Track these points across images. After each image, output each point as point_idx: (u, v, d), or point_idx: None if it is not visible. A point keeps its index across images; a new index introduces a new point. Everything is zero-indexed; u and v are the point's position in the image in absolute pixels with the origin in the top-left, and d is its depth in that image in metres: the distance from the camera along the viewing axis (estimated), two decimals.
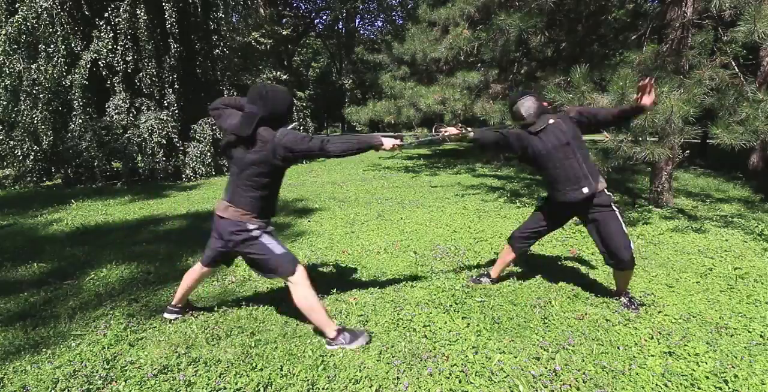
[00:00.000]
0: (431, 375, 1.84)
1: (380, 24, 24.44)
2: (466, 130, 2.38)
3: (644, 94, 2.13)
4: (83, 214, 5.32)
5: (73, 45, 7.61)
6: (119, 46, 7.85)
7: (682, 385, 1.75)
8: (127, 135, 7.90)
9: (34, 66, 7.33)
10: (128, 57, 7.94)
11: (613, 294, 2.57)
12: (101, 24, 7.81)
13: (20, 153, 7.61)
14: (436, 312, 2.41)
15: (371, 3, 21.49)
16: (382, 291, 2.74)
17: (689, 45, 4.49)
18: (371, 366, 1.91)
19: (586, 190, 2.32)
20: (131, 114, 8.18)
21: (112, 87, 8.12)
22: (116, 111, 8.01)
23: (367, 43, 22.20)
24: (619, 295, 2.52)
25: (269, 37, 13.33)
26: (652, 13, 6.31)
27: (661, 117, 3.71)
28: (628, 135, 3.98)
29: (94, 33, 7.86)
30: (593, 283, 2.83)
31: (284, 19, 19.80)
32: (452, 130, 2.39)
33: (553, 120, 2.37)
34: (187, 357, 1.98)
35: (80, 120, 7.58)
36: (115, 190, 7.38)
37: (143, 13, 7.78)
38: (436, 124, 2.18)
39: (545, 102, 2.43)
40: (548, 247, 3.68)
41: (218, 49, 9.35)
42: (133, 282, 2.98)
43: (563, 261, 3.32)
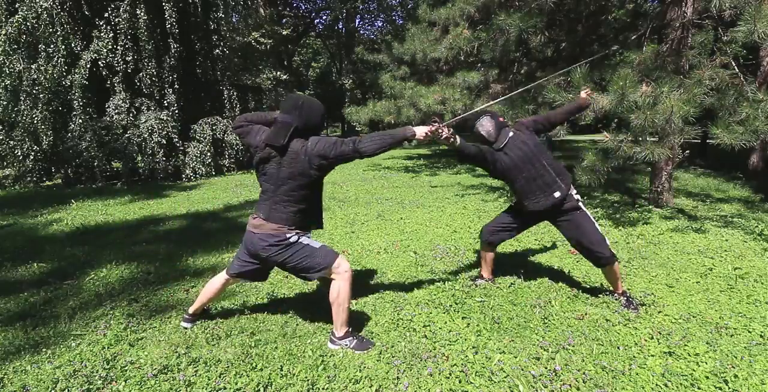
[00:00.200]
0: (431, 375, 1.84)
1: (380, 24, 24.44)
2: (455, 138, 2.37)
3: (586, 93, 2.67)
4: (83, 214, 5.32)
5: (73, 45, 7.61)
6: (119, 46, 7.85)
7: (682, 385, 1.75)
8: (127, 135, 7.90)
9: (34, 66, 7.34)
10: (128, 57, 7.94)
11: (612, 294, 2.57)
12: (101, 24, 7.81)
13: (20, 153, 7.61)
14: (436, 312, 2.41)
15: (371, 3, 21.48)
16: (382, 291, 2.74)
17: (689, 45, 4.48)
18: (371, 366, 1.91)
19: (558, 194, 2.40)
20: (131, 114, 8.19)
21: (112, 87, 8.12)
22: (116, 111, 8.01)
23: (367, 43, 22.19)
24: (616, 293, 2.53)
25: (269, 37, 13.34)
26: (652, 13, 6.31)
27: (661, 117, 3.70)
28: (628, 135, 3.97)
29: (94, 33, 7.87)
30: (593, 283, 2.83)
31: (284, 19, 19.80)
32: (445, 132, 2.34)
33: (512, 133, 2.49)
34: (187, 357, 1.98)
35: (80, 120, 7.58)
36: (115, 190, 7.38)
37: (143, 13, 7.78)
38: (434, 118, 2.14)
39: (501, 117, 2.55)
40: (548, 247, 3.68)
41: (218, 49, 9.35)
42: (133, 282, 2.98)
43: (563, 261, 3.32)
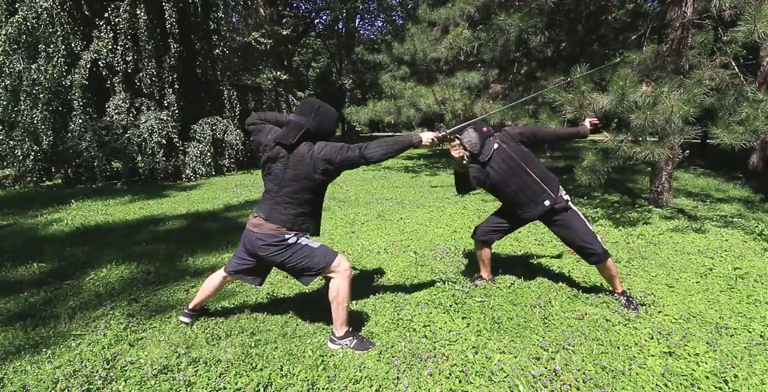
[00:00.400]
0: (431, 375, 1.84)
1: (380, 24, 24.43)
2: (469, 159, 2.31)
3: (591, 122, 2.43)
4: (83, 214, 5.32)
5: (73, 45, 7.61)
6: (119, 46, 7.85)
7: (682, 385, 1.75)
8: (127, 135, 7.90)
9: (34, 66, 7.34)
10: (128, 57, 7.94)
11: (612, 294, 2.57)
12: (101, 24, 7.82)
13: (20, 153, 7.61)
14: (436, 312, 2.41)
15: (371, 3, 21.47)
16: (382, 291, 2.74)
17: (689, 45, 4.48)
18: (371, 366, 1.91)
19: (547, 203, 2.42)
20: (131, 114, 8.19)
21: (112, 87, 8.12)
22: (116, 111, 8.02)
23: (367, 43, 22.18)
24: (616, 293, 2.53)
25: (269, 37, 13.34)
26: (652, 13, 6.31)
27: (661, 117, 3.70)
28: (628, 135, 3.98)
29: (94, 33, 7.87)
30: (593, 283, 2.83)
31: (284, 19, 19.80)
32: (459, 150, 2.17)
33: (497, 144, 2.43)
34: (187, 357, 1.98)
35: (80, 120, 7.58)
36: (115, 190, 7.39)
37: (143, 13, 7.78)
38: (440, 125, 2.12)
39: (485, 127, 2.47)
40: (548, 247, 3.68)
41: (218, 49, 9.35)
42: (133, 282, 2.98)
43: (563, 261, 3.32)
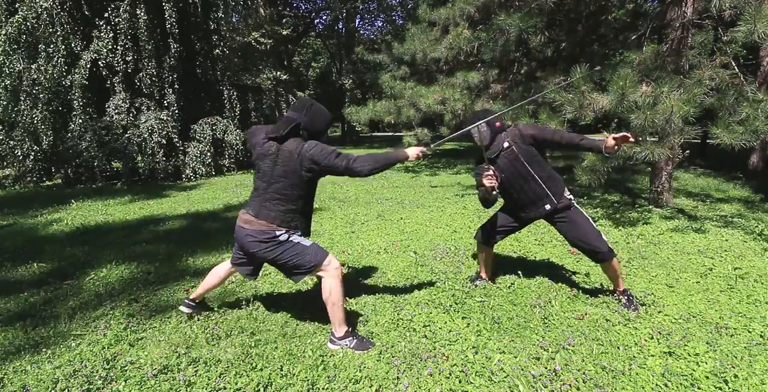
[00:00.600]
0: (431, 375, 1.84)
1: (380, 24, 24.43)
2: (496, 188, 2.34)
3: (619, 141, 2.06)
4: (83, 214, 5.32)
5: (73, 45, 7.61)
6: (119, 46, 7.85)
7: (682, 385, 1.75)
8: (127, 135, 7.90)
9: (34, 66, 7.34)
10: (128, 57, 7.94)
11: (612, 293, 2.57)
12: (101, 24, 7.81)
13: (20, 153, 7.61)
14: (436, 312, 2.41)
15: (371, 3, 21.47)
16: (382, 291, 2.74)
17: (689, 45, 4.48)
18: (371, 366, 1.91)
19: (548, 207, 2.40)
20: (131, 114, 8.19)
21: (112, 87, 8.12)
22: (116, 111, 8.01)
23: (367, 43, 22.18)
24: (617, 293, 2.51)
25: (269, 37, 13.33)
26: (652, 13, 6.31)
27: (661, 117, 3.70)
28: None
29: (94, 33, 7.87)
30: (593, 283, 2.83)
31: (284, 19, 19.80)
32: (491, 180, 2.27)
33: (507, 143, 2.36)
34: (187, 357, 1.98)
35: (80, 120, 7.58)
36: (115, 190, 7.38)
37: (143, 13, 7.78)
38: (485, 165, 2.17)
39: (498, 122, 2.39)
40: (548, 247, 3.68)
41: (218, 49, 9.35)
42: (133, 282, 2.98)
43: (563, 261, 3.32)
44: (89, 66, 7.64)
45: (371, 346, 2.07)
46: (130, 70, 8.06)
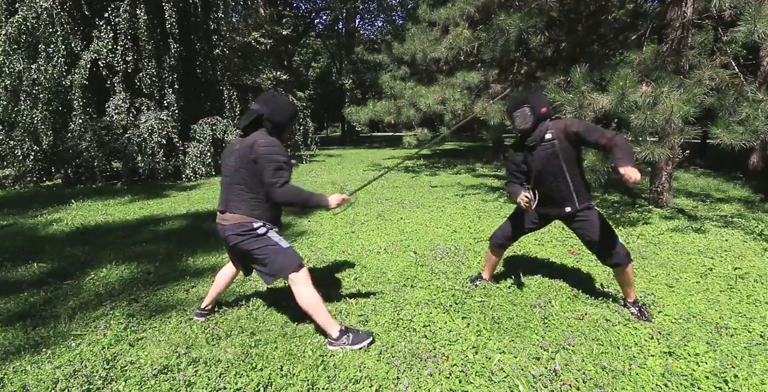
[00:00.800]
0: (431, 375, 1.84)
1: (380, 24, 24.45)
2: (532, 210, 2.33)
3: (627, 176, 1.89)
4: (83, 214, 5.32)
5: (73, 45, 7.61)
6: (119, 46, 7.85)
7: (682, 385, 1.75)
8: (127, 135, 7.90)
9: (34, 66, 7.33)
10: (128, 57, 7.94)
11: (620, 299, 2.48)
12: (101, 24, 7.81)
13: (20, 153, 7.61)
14: (436, 312, 2.41)
15: (371, 3, 21.48)
16: (382, 291, 2.74)
17: (689, 45, 4.48)
18: (371, 366, 1.91)
19: (568, 209, 2.31)
20: (131, 114, 8.18)
21: (112, 87, 8.12)
22: (116, 111, 8.01)
23: (367, 43, 22.19)
24: (628, 303, 2.40)
25: (269, 37, 13.34)
26: (652, 13, 6.31)
27: (661, 117, 3.70)
28: (628, 135, 3.98)
29: (94, 33, 7.86)
30: (593, 283, 2.83)
31: (284, 19, 19.80)
32: (526, 199, 2.24)
33: (550, 135, 2.20)
34: (187, 357, 1.98)
35: (80, 120, 7.58)
36: (115, 190, 7.38)
37: (143, 13, 7.78)
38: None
39: (544, 107, 2.18)
40: (548, 247, 3.68)
41: (218, 49, 9.35)
42: (133, 282, 2.98)
43: (563, 261, 3.32)
44: (89, 66, 7.63)
45: (368, 337, 2.09)
46: (130, 70, 8.05)
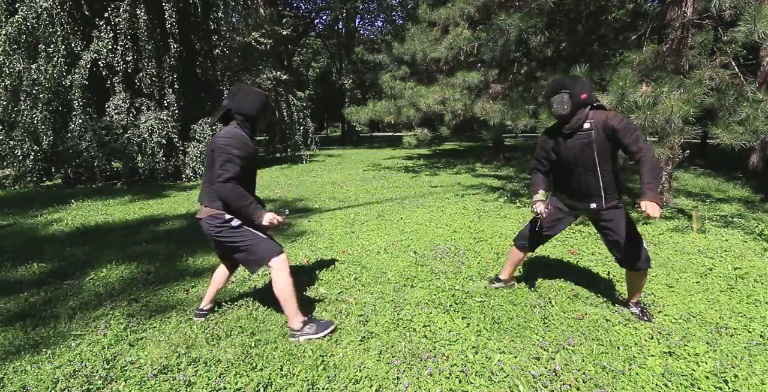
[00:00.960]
0: (431, 375, 1.84)
1: (380, 24, 24.46)
2: (545, 200, 2.36)
3: (646, 212, 1.91)
4: (83, 214, 5.32)
5: (73, 45, 7.60)
6: (119, 46, 7.85)
7: (682, 385, 1.75)
8: (127, 135, 7.90)
9: (34, 66, 7.33)
10: (128, 57, 7.94)
11: (620, 299, 2.48)
12: (101, 24, 7.81)
13: (20, 153, 7.61)
14: (436, 312, 2.41)
15: (371, 3, 21.48)
16: (382, 291, 2.74)
17: (689, 45, 4.48)
18: (371, 366, 1.91)
19: (593, 206, 2.24)
20: (131, 114, 8.18)
21: (112, 87, 8.12)
22: (116, 111, 8.01)
23: (367, 43, 22.20)
24: (630, 303, 2.39)
25: (269, 37, 13.32)
26: (652, 13, 6.31)
27: (661, 117, 3.71)
28: None
29: (94, 33, 7.86)
30: (593, 283, 2.83)
31: (284, 19, 19.80)
32: (543, 207, 2.30)
33: (588, 124, 2.09)
34: (187, 357, 1.98)
35: (80, 120, 7.58)
36: (115, 190, 7.38)
37: (143, 13, 7.78)
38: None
39: (584, 93, 2.05)
40: (548, 247, 3.68)
41: (218, 49, 9.34)
42: (133, 282, 2.98)
43: (563, 261, 3.32)
44: (89, 66, 7.63)
45: (331, 325, 2.18)
46: (130, 70, 8.05)
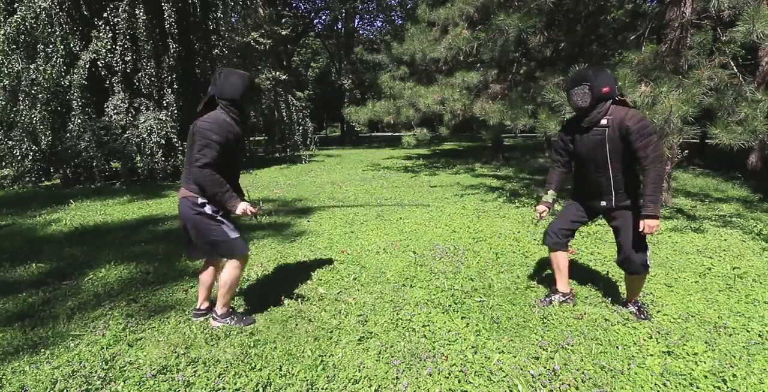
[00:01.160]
0: (430, 374, 1.84)
1: (379, 24, 24.46)
2: (550, 203, 2.43)
3: (642, 230, 2.02)
4: (82, 214, 5.31)
5: (71, 45, 7.59)
6: (118, 46, 7.84)
7: (680, 384, 1.75)
8: (126, 135, 7.89)
9: (32, 66, 7.32)
10: (127, 57, 7.93)
11: (622, 301, 2.47)
12: (100, 24, 7.80)
13: (19, 153, 7.59)
14: (435, 312, 2.41)
15: (370, 3, 21.49)
16: (381, 291, 2.74)
17: (688, 45, 4.49)
18: (370, 366, 1.91)
19: (603, 204, 2.24)
20: (130, 114, 8.17)
21: (111, 87, 8.11)
22: (115, 111, 8.00)
23: (366, 43, 22.20)
24: (628, 302, 2.40)
25: (268, 37, 13.31)
26: (650, 14, 6.32)
27: (660, 117, 3.71)
28: None
29: (93, 33, 7.85)
30: (592, 283, 2.84)
31: (283, 19, 19.79)
32: (544, 209, 2.41)
33: (606, 120, 2.04)
34: (186, 357, 1.98)
35: (79, 120, 7.57)
36: (113, 190, 7.37)
37: (142, 13, 7.77)
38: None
39: (606, 87, 1.98)
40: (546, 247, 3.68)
41: (217, 49, 9.34)
42: (131, 282, 2.98)
43: None
44: (88, 66, 7.62)
45: (253, 322, 2.29)
46: (129, 70, 8.04)
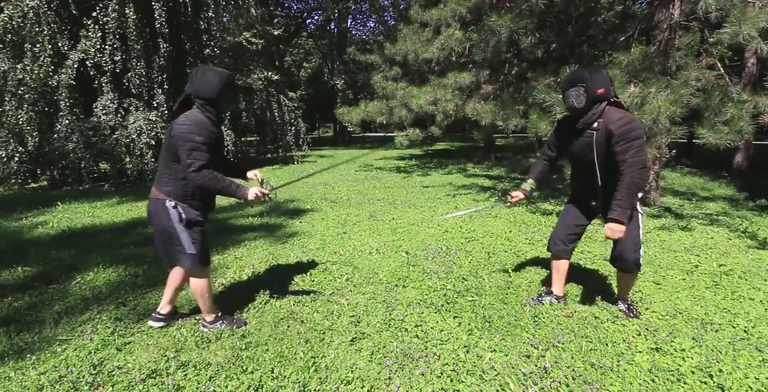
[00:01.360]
0: (423, 374, 1.84)
1: (372, 24, 24.48)
2: (528, 191, 2.42)
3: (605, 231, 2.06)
4: (69, 217, 5.23)
5: (60, 44, 7.48)
6: (107, 46, 7.73)
7: (668, 380, 1.78)
8: (114, 136, 7.78)
9: (19, 66, 7.19)
10: (116, 57, 7.83)
11: (613, 299, 2.50)
12: (89, 23, 7.69)
13: (5, 154, 7.45)
14: (427, 311, 2.42)
15: (363, 3, 21.48)
16: (373, 291, 2.74)
17: (676, 46, 4.56)
18: (363, 366, 1.91)
19: (594, 203, 2.28)
20: (119, 114, 8.06)
21: (99, 87, 7.99)
22: (104, 111, 7.89)
23: (359, 44, 22.20)
24: (618, 300, 2.42)
25: (260, 37, 13.24)
26: (640, 15, 6.41)
27: (648, 117, 3.76)
28: None
29: (81, 32, 7.74)
30: (582, 281, 2.86)
31: (276, 19, 19.70)
32: (519, 195, 2.40)
33: (596, 124, 2.04)
34: (176, 360, 1.96)
35: (67, 120, 7.45)
36: (102, 192, 7.28)
37: (132, 13, 7.68)
38: (502, 190, 2.18)
39: (601, 88, 1.96)
40: (538, 246, 3.71)
41: (209, 49, 9.26)
42: (120, 285, 2.94)
43: None
44: (76, 66, 7.51)
45: (243, 324, 2.27)
46: (118, 70, 7.94)
